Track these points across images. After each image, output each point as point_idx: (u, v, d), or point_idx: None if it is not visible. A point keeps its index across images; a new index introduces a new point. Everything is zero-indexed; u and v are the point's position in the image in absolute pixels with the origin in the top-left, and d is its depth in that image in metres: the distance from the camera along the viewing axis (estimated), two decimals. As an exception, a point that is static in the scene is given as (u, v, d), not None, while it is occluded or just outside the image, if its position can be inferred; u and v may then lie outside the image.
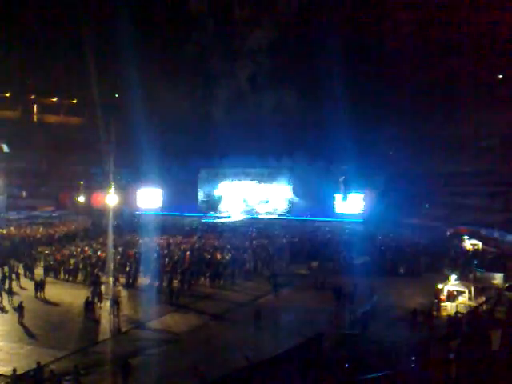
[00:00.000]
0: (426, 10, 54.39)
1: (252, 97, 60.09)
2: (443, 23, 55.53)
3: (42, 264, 32.62)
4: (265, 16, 59.15)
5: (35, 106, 77.29)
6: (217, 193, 73.44)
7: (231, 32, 59.01)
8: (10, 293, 25.06)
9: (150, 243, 40.81)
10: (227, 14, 59.85)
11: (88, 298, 23.57)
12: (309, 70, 63.61)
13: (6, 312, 23.34)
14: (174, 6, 62.67)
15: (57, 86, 69.30)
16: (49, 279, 29.13)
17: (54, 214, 63.82)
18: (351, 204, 65.93)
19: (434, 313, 23.13)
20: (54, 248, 37.80)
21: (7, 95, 72.50)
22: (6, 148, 70.07)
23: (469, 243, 40.31)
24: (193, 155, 70.77)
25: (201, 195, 73.73)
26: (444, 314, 23.18)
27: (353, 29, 58.76)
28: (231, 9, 59.37)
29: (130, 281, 29.21)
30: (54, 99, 76.96)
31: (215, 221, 63.57)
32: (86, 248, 37.34)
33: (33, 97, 75.84)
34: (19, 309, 21.78)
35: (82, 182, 66.32)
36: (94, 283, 26.59)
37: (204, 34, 57.65)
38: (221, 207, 72.37)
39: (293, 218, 65.80)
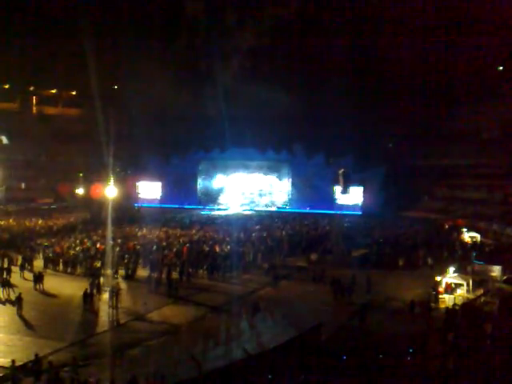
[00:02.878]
0: (426, 3, 54.13)
1: (252, 89, 59.82)
2: (443, 15, 55.29)
3: (41, 256, 32.66)
4: (264, 12, 58.75)
5: (34, 97, 77.10)
6: (216, 185, 73.39)
7: (230, 25, 58.65)
8: (9, 285, 25.06)
9: (149, 235, 40.84)
10: (226, 8, 59.45)
11: (87, 289, 23.59)
12: (309, 64, 63.51)
13: (5, 304, 23.36)
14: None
15: (56, 77, 69.02)
16: (48, 271, 29.22)
17: (52, 206, 63.78)
18: (350, 196, 65.87)
19: (432, 305, 23.19)
20: (53, 240, 37.75)
21: (6, 87, 72.28)
22: (5, 140, 69.95)
23: (467, 236, 40.36)
24: (192, 148, 70.76)
25: (200, 188, 73.67)
26: (442, 306, 23.24)
27: (349, 23, 58.48)
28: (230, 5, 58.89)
29: (129, 273, 29.24)
30: (53, 91, 76.77)
31: (214, 213, 63.57)
32: (85, 240, 37.33)
33: (32, 88, 75.60)
34: (18, 301, 21.79)
35: (81, 174, 66.23)
36: (93, 275, 26.65)
37: (203, 27, 57.32)
38: (220, 200, 72.36)
39: (292, 210, 65.79)
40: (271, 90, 60.36)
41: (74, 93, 77.13)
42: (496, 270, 27.85)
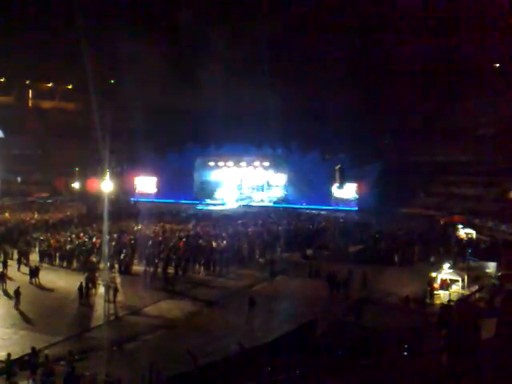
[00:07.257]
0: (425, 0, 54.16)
1: (248, 85, 59.72)
2: (442, 12, 55.29)
3: (36, 250, 32.57)
4: (260, 11, 58.53)
5: (30, 91, 76.76)
6: (212, 180, 73.36)
7: (227, 21, 58.47)
8: (5, 278, 25.00)
9: (145, 230, 40.80)
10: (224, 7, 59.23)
11: (82, 283, 23.57)
12: (306, 60, 63.42)
13: (0, 297, 23.29)
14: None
15: (52, 71, 68.72)
16: (44, 265, 29.16)
17: (49, 200, 63.61)
18: (347, 192, 66.02)
19: (427, 301, 23.28)
20: (49, 234, 37.65)
21: (2, 80, 71.96)
22: (0, 133, 69.62)
23: (463, 232, 40.49)
24: (189, 143, 70.59)
25: (196, 182, 73.62)
26: (437, 302, 23.34)
27: (347, 19, 58.44)
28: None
29: (125, 267, 29.20)
30: (49, 84, 76.45)
31: (210, 208, 63.54)
32: (81, 234, 37.25)
33: (28, 82, 75.26)
34: (16, 294, 21.71)
35: (77, 168, 66.01)
36: (89, 269, 26.61)
37: (199, 24, 57.19)
38: (216, 195, 72.31)
39: (288, 205, 65.83)
40: (268, 85, 60.32)
41: (70, 87, 76.81)
42: (491, 267, 28.01)
